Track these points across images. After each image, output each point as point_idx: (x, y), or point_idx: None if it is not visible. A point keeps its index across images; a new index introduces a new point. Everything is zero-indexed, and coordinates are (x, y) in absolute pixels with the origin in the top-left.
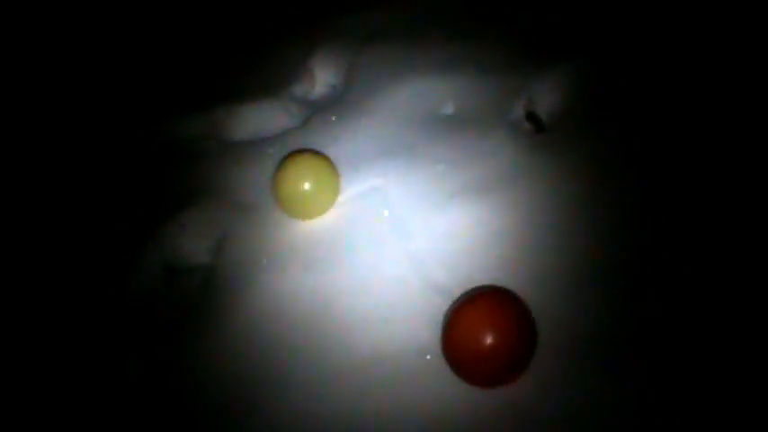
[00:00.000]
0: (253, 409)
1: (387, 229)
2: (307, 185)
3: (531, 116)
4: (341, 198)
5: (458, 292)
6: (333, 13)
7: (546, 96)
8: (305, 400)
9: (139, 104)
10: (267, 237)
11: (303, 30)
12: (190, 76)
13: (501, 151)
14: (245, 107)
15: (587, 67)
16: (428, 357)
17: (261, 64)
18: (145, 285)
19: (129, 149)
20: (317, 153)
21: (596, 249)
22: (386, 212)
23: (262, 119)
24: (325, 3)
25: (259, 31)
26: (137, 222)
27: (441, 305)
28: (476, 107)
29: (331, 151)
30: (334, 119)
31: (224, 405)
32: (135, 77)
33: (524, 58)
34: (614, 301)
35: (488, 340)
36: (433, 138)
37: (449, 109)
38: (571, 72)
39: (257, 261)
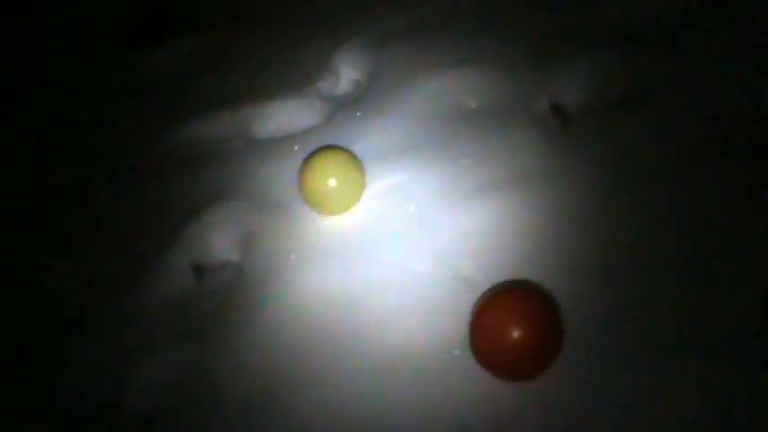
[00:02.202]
0: (280, 406)
1: (413, 224)
2: (333, 181)
3: (556, 109)
4: (367, 194)
5: (485, 286)
6: (356, 10)
7: (571, 89)
8: (332, 397)
9: (167, 103)
10: (294, 233)
11: (327, 27)
12: (216, 74)
13: (527, 145)
14: (270, 105)
15: (613, 59)
16: (456, 353)
17: (286, 61)
18: (173, 283)
19: (157, 147)
20: (342, 149)
21: (625, 244)
22: (412, 208)
23: (287, 116)
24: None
25: (284, 28)
26: (164, 220)
27: (468, 300)
28: (500, 101)
29: (356, 147)
30: (359, 115)
31: (251, 402)
32: (161, 76)
33: (548, 50)
34: (643, 297)
35: (516, 333)
36: (458, 133)
37: (473, 104)
38: (596, 64)
39: (284, 257)
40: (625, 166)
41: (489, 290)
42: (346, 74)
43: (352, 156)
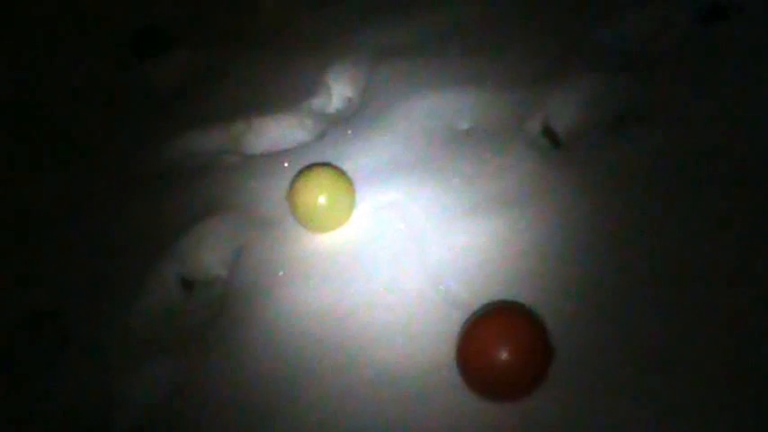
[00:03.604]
0: (266, 423)
1: (403, 243)
2: (323, 199)
3: (548, 131)
4: (357, 212)
5: (474, 306)
6: (349, 28)
7: (562, 112)
8: (319, 416)
9: (159, 117)
10: (283, 250)
11: (320, 43)
12: (208, 89)
13: (518, 166)
14: (261, 120)
15: (603, 83)
16: (443, 373)
17: (279, 78)
18: (161, 296)
19: (149, 161)
20: (333, 167)
21: (615, 265)
22: (402, 226)
23: (278, 132)
24: (342, 17)
25: (277, 44)
26: (154, 233)
27: (457, 319)
28: (492, 122)
29: (347, 165)
30: (350, 133)
31: (237, 418)
32: (154, 90)
33: (540, 73)
34: (633, 318)
35: (504, 354)
36: (450, 152)
37: (465, 124)
38: (587, 87)
39: (274, 274)
40: (615, 188)
41: (478, 310)
42: (339, 91)
43: (343, 173)
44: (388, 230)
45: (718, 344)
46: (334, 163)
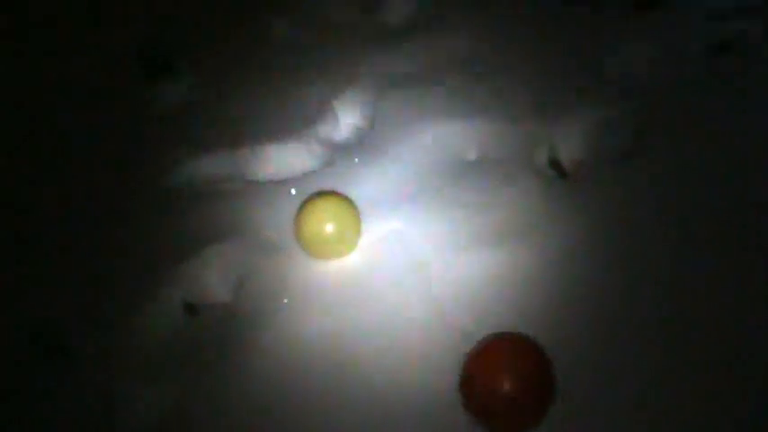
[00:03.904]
0: None
1: (408, 272)
2: (329, 227)
3: (554, 162)
4: (363, 240)
5: (478, 336)
6: (358, 55)
7: (569, 143)
8: None
9: (165, 141)
10: (288, 277)
11: (327, 71)
12: (214, 114)
13: (524, 197)
14: (268, 147)
15: (610, 115)
16: (445, 402)
17: (286, 104)
18: (164, 321)
19: (154, 184)
20: (339, 194)
21: (621, 297)
22: (407, 256)
23: (285, 159)
24: (350, 45)
25: (285, 71)
26: (158, 256)
27: (461, 349)
28: (499, 153)
29: (353, 193)
30: (357, 161)
31: None
32: (160, 113)
33: (548, 104)
34: (639, 352)
35: (507, 385)
36: (456, 182)
37: (472, 154)
38: (594, 118)
39: (277, 300)
40: (621, 220)
41: (482, 340)
42: (346, 119)
43: (349, 201)
44: (394, 259)
45: (728, 378)
46: (340, 191)
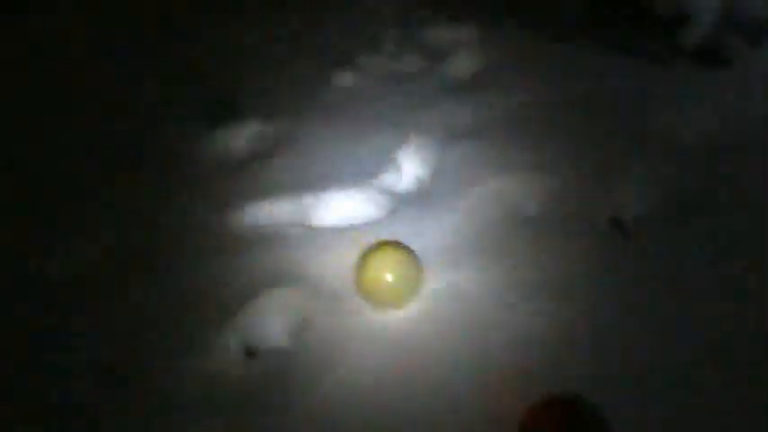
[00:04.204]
0: None
1: (464, 325)
2: (390, 276)
3: (617, 222)
4: (422, 291)
5: (532, 397)
6: (421, 107)
7: (628, 201)
8: None
9: (230, 184)
10: (347, 324)
11: (391, 121)
12: (279, 159)
13: (584, 256)
14: (331, 194)
15: (669, 173)
16: None
17: (350, 153)
18: (222, 364)
19: (217, 227)
20: (400, 245)
21: (681, 359)
22: (466, 309)
23: (348, 207)
24: (414, 97)
25: (348, 119)
26: (219, 299)
27: (517, 409)
28: (559, 209)
29: (415, 244)
30: (419, 212)
31: None
32: (226, 157)
33: (607, 162)
34: (697, 416)
35: None
36: (515, 237)
37: (532, 210)
38: (661, 179)
39: (335, 348)
40: (678, 280)
41: (538, 402)
42: (408, 170)
43: (411, 252)
44: (452, 312)
45: None
46: (401, 241)
